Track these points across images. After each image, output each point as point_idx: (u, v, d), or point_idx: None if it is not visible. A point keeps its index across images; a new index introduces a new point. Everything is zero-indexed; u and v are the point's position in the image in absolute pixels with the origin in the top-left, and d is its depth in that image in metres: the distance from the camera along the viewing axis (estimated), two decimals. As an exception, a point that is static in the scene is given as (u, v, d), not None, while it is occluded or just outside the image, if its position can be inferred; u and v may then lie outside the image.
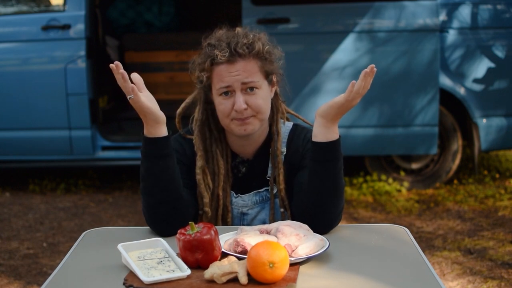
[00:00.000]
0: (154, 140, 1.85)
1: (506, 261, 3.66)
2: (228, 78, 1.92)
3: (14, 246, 4.05)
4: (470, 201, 4.71)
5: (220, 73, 1.94)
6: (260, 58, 1.96)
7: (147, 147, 1.86)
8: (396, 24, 4.62)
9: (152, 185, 1.87)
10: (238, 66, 1.93)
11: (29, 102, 4.80)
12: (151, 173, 1.86)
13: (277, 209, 2.04)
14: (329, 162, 1.86)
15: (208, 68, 1.95)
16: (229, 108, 1.94)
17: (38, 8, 5.13)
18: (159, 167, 1.86)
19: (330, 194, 1.87)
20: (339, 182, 1.88)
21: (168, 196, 1.87)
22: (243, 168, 2.06)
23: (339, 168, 1.88)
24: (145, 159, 1.87)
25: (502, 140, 4.88)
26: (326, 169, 1.86)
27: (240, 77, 1.92)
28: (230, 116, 1.95)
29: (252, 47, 1.94)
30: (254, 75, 1.94)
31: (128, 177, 5.47)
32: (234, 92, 1.94)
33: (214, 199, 2.02)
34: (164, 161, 1.86)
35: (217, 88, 1.95)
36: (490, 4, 4.79)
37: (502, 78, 4.83)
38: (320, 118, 1.87)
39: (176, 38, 6.04)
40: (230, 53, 1.92)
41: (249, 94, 1.94)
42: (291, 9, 4.65)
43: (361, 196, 4.91)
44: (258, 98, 1.95)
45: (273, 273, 1.49)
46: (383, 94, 4.68)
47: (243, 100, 1.92)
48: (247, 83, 1.93)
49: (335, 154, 1.86)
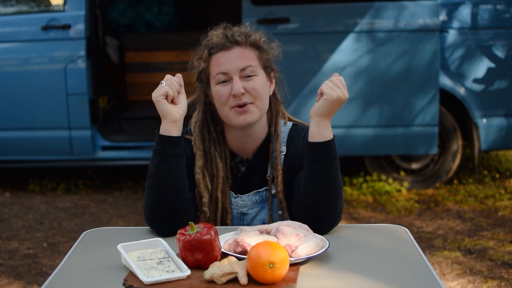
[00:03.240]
0: (167, 137, 1.87)
1: (506, 261, 3.66)
2: (225, 64, 1.95)
3: (14, 246, 4.05)
4: (470, 201, 4.71)
5: (218, 60, 1.96)
6: (257, 48, 1.99)
7: (160, 144, 1.88)
8: (396, 24, 4.62)
9: (159, 183, 1.88)
10: (235, 52, 1.96)
11: (29, 102, 4.80)
12: (161, 171, 1.87)
13: (275, 209, 2.04)
14: (326, 162, 1.87)
15: (206, 58, 1.98)
16: (227, 94, 1.95)
17: (38, 8, 5.13)
18: (169, 165, 1.87)
19: (328, 193, 1.87)
20: (337, 182, 1.89)
21: (173, 196, 1.88)
22: (243, 167, 2.06)
23: (336, 167, 1.88)
24: (157, 156, 1.88)
25: (502, 140, 4.88)
26: (324, 169, 1.86)
27: (237, 64, 1.95)
28: (228, 103, 1.95)
29: (248, 35, 1.98)
30: (251, 61, 1.96)
31: (128, 177, 5.47)
32: (231, 80, 1.95)
33: (213, 201, 2.02)
34: (175, 159, 1.88)
35: (214, 75, 1.96)
36: (490, 4, 4.79)
37: (502, 78, 4.83)
38: (316, 117, 1.87)
39: (176, 38, 6.04)
40: (227, 40, 1.96)
41: (247, 80, 1.95)
42: (291, 9, 4.65)
43: (361, 196, 4.91)
44: (255, 83, 1.96)
45: (273, 273, 1.49)
46: (383, 94, 4.68)
47: (241, 85, 1.94)
48: (244, 69, 1.95)
49: (332, 153, 1.87)
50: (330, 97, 1.85)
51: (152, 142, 1.93)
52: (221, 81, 1.96)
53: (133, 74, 6.00)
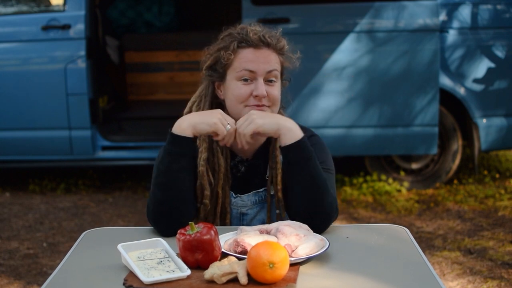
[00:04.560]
0: (181, 137, 1.88)
1: (506, 261, 3.66)
2: (254, 63, 1.94)
3: (14, 246, 4.05)
4: (470, 201, 4.71)
5: (246, 56, 1.95)
6: (282, 54, 2.01)
7: (172, 144, 1.89)
8: (396, 24, 4.62)
9: (168, 182, 1.88)
10: (264, 53, 1.96)
11: (29, 102, 4.80)
12: (170, 170, 1.88)
13: (274, 210, 2.04)
14: (303, 160, 1.88)
15: (234, 49, 1.96)
16: (248, 93, 1.95)
17: (38, 8, 5.13)
18: (180, 165, 1.88)
19: (313, 191, 1.88)
20: (318, 177, 1.89)
21: (178, 195, 1.88)
22: (242, 167, 2.06)
23: (313, 164, 1.89)
24: (168, 155, 1.89)
25: (502, 140, 4.88)
26: (301, 167, 1.88)
27: (266, 66, 1.95)
28: (245, 102, 1.96)
29: (279, 41, 1.99)
30: (277, 66, 1.98)
31: (128, 177, 5.47)
32: (254, 79, 1.95)
33: (213, 196, 2.02)
34: (185, 160, 1.89)
35: (239, 70, 1.95)
36: (490, 4, 4.79)
37: (502, 78, 4.83)
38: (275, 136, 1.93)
39: (176, 38, 6.04)
40: (260, 39, 1.95)
41: (269, 84, 1.97)
42: (291, 9, 4.65)
43: (361, 196, 4.91)
44: (275, 90, 1.98)
45: (273, 273, 1.49)
46: (383, 94, 4.68)
47: (264, 88, 1.94)
48: (271, 72, 1.96)
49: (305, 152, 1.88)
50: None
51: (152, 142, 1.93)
52: (244, 79, 1.95)
53: (133, 74, 6.00)
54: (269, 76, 1.96)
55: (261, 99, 1.94)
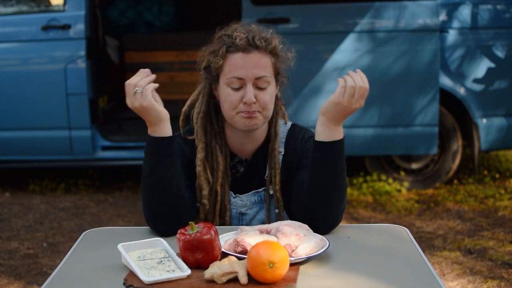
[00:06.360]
0: (158, 138, 1.86)
1: (506, 261, 3.66)
2: (242, 70, 1.91)
3: (14, 246, 4.05)
4: (470, 201, 4.71)
5: (235, 62, 1.93)
6: (274, 55, 1.97)
7: (152, 146, 1.87)
8: (396, 24, 4.62)
9: (154, 184, 1.87)
10: (253, 57, 1.92)
11: (29, 102, 4.80)
12: (154, 172, 1.86)
13: (273, 210, 2.04)
14: (330, 161, 1.86)
15: (222, 54, 1.94)
16: (238, 100, 1.93)
17: (38, 8, 5.13)
18: (163, 166, 1.86)
19: (330, 194, 1.87)
20: (340, 182, 1.88)
21: (169, 196, 1.87)
22: (241, 168, 2.06)
23: (340, 168, 1.87)
24: (150, 157, 1.88)
25: (502, 140, 4.88)
26: (327, 168, 1.86)
27: (255, 71, 1.92)
28: (237, 109, 1.94)
29: (269, 42, 1.95)
30: (267, 70, 1.94)
31: (128, 177, 5.47)
32: (244, 86, 1.93)
33: (212, 194, 2.02)
34: (168, 159, 1.87)
35: (228, 76, 1.93)
36: (490, 4, 4.79)
37: (502, 78, 4.83)
38: (322, 116, 1.87)
39: (176, 38, 6.04)
40: (248, 42, 1.92)
41: (259, 89, 1.93)
42: (291, 9, 4.65)
43: (361, 196, 4.91)
44: (266, 95, 1.94)
45: (273, 273, 1.49)
46: (383, 94, 4.68)
47: (253, 94, 1.92)
48: (260, 78, 1.92)
49: (336, 154, 1.86)
50: (348, 102, 1.81)
51: None
52: (234, 86, 1.93)
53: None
54: (258, 82, 1.92)
55: (250, 105, 1.92)
